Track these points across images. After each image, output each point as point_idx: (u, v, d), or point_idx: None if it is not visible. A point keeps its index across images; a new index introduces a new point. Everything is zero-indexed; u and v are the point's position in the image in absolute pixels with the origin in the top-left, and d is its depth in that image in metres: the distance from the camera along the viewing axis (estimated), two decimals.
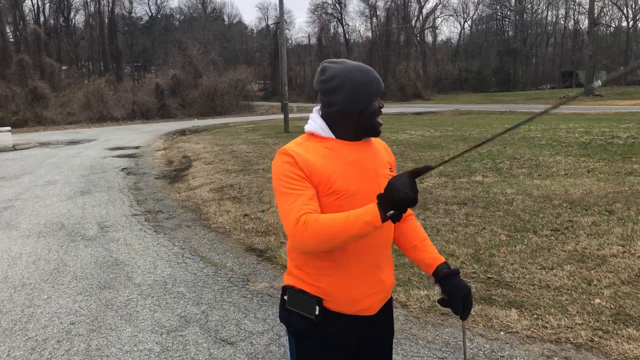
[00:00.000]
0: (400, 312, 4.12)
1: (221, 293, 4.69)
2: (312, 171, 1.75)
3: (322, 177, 1.75)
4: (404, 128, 20.33)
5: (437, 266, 1.91)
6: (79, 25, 68.14)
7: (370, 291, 1.85)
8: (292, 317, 1.88)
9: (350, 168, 1.80)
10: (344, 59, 1.90)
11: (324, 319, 1.83)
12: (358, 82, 1.79)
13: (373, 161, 1.88)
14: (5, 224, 7.49)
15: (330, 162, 1.78)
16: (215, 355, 3.54)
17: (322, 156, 1.79)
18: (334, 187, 1.76)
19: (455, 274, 1.87)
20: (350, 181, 1.79)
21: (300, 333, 1.87)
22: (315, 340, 1.86)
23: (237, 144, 17.27)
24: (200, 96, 41.21)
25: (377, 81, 1.84)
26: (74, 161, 14.79)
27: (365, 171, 1.83)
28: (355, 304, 1.84)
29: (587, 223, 6.04)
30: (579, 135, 14.42)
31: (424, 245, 1.98)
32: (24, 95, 35.88)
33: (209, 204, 8.35)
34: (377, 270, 1.87)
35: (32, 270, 5.42)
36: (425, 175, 8.57)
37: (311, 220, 1.64)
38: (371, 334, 1.95)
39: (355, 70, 1.82)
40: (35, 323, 4.14)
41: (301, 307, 1.85)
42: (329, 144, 1.83)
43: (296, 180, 1.73)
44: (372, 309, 1.88)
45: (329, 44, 70.57)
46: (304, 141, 1.86)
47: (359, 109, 1.80)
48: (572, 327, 3.67)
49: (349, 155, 1.82)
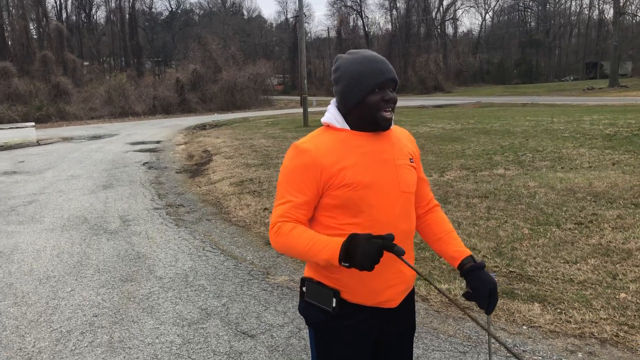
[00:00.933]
0: (421, 305, 4.10)
1: (242, 286, 4.71)
2: (322, 168, 1.74)
3: (333, 172, 1.74)
4: (424, 121, 20.18)
5: (462, 259, 1.87)
6: (100, 21, 69.04)
7: (389, 283, 1.81)
8: (311, 309, 1.87)
9: (364, 159, 1.77)
10: (363, 50, 1.86)
11: (343, 311, 1.81)
12: (354, 73, 1.77)
13: (391, 151, 1.83)
14: (29, 217, 7.62)
15: (342, 154, 1.77)
16: (236, 348, 3.56)
17: (334, 149, 1.78)
18: (346, 180, 1.74)
19: (481, 268, 1.83)
20: (364, 173, 1.75)
21: (319, 325, 1.87)
22: (335, 332, 1.85)
23: (257, 138, 17.32)
24: (220, 91, 41.42)
25: (376, 73, 1.76)
26: (96, 156, 14.97)
27: (382, 162, 1.79)
28: (375, 296, 1.81)
29: (612, 216, 5.93)
30: (604, 127, 14.17)
31: (450, 238, 1.94)
32: (47, 91, 36.42)
33: (229, 198, 8.39)
34: (395, 261, 1.77)
35: (56, 263, 5.50)
36: (446, 169, 8.45)
37: (283, 230, 1.72)
38: (392, 329, 1.91)
39: (358, 61, 1.79)
40: (60, 315, 4.20)
41: (319, 299, 1.83)
42: (342, 135, 1.81)
43: (296, 182, 1.76)
44: (393, 301, 1.85)
45: (349, 37, 70.17)
46: (318, 134, 1.85)
47: (355, 100, 1.77)
48: (597, 322, 3.61)
49: (363, 146, 1.79)
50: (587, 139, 12.25)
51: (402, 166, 1.83)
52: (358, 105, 1.78)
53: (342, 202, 1.75)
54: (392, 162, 1.81)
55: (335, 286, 1.81)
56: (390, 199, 1.78)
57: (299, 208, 1.75)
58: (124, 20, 63.08)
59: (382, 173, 1.78)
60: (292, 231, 1.71)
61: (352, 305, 1.82)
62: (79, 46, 59.24)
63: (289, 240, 1.71)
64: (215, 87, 41.53)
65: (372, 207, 1.76)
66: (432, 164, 10.10)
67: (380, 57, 1.81)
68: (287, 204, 1.76)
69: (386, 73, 1.77)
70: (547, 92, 42.97)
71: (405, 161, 1.85)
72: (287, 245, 1.72)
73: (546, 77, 68.93)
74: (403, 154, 1.86)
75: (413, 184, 1.87)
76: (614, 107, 22.62)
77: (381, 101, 1.76)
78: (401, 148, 1.87)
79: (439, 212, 2.03)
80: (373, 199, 1.75)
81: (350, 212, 1.76)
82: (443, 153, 11.52)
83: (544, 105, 27.83)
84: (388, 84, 1.78)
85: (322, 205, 1.80)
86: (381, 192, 1.76)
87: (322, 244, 1.64)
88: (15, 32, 47.43)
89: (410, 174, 1.86)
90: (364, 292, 1.80)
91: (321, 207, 1.80)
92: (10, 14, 49.91)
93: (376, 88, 1.76)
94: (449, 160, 10.49)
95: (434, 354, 3.37)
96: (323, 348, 1.90)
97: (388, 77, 1.77)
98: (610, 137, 12.31)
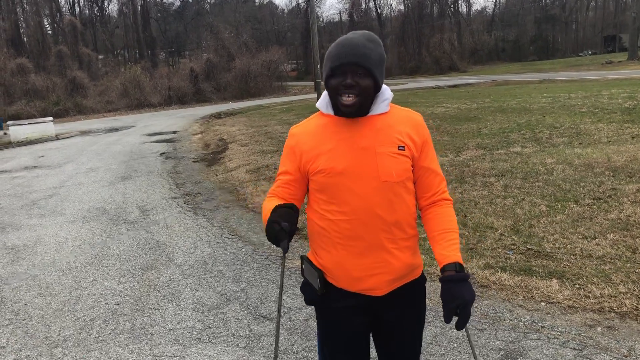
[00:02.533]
0: (438, 285, 4.10)
1: (260, 271, 4.76)
2: (302, 152, 1.84)
3: (310, 157, 1.81)
4: (439, 101, 20.02)
5: (443, 265, 1.74)
6: (113, 14, 69.36)
7: (372, 271, 1.78)
8: (307, 287, 1.93)
9: (340, 145, 1.76)
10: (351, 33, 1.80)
11: (331, 293, 1.85)
12: (325, 56, 1.80)
13: (373, 139, 1.75)
14: (51, 210, 7.75)
15: (320, 140, 1.81)
16: (256, 331, 3.61)
17: (315, 134, 1.83)
18: (320, 166, 1.77)
19: (458, 281, 1.69)
20: (338, 159, 1.75)
21: (314, 303, 1.93)
22: (326, 312, 1.92)
23: (272, 125, 17.34)
24: (234, 79, 41.45)
25: (333, 57, 1.73)
26: (114, 148, 15.13)
27: (360, 149, 1.74)
28: (355, 283, 1.81)
29: (631, 190, 5.86)
30: (623, 101, 13.92)
31: (441, 239, 1.80)
32: (64, 85, 36.84)
33: (246, 185, 8.44)
34: (380, 250, 1.77)
35: (78, 254, 5.60)
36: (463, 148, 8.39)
37: (264, 202, 1.90)
38: (389, 317, 1.90)
39: (334, 44, 1.79)
40: (83, 304, 4.29)
41: (311, 278, 1.89)
42: (325, 120, 1.85)
43: (283, 163, 1.93)
44: (378, 289, 1.81)
45: (361, 19, 69.52)
46: (311, 118, 1.94)
47: (324, 82, 1.80)
48: (616, 296, 3.59)
49: (341, 132, 1.78)
50: (606, 113, 12.06)
51: (384, 154, 1.74)
52: (327, 87, 1.79)
53: (320, 187, 1.80)
54: (372, 150, 1.74)
55: (320, 268, 1.86)
56: (366, 187, 1.73)
57: (284, 186, 1.90)
58: (136, 12, 63.24)
59: (358, 160, 1.74)
60: (265, 203, 1.87)
61: (338, 289, 1.85)
62: (93, 40, 59.63)
63: (263, 210, 1.88)
64: (229, 76, 41.56)
65: (347, 194, 1.74)
66: (448, 144, 10.04)
67: (351, 41, 1.74)
68: (277, 181, 1.94)
69: (342, 57, 1.71)
70: (564, 68, 42.26)
71: (389, 149, 1.75)
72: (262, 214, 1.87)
73: (563, 53, 67.69)
74: (388, 142, 1.76)
75: (398, 173, 1.75)
76: (634, 80, 22.19)
77: (339, 86, 1.72)
78: (388, 135, 1.77)
79: (443, 207, 1.86)
80: (347, 186, 1.74)
81: (328, 198, 1.79)
82: (459, 133, 11.44)
83: (561, 81, 27.40)
84: (348, 69, 1.70)
85: (310, 190, 1.89)
86: (356, 179, 1.73)
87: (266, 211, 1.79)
88: (30, 29, 47.92)
89: (395, 162, 1.75)
90: (343, 277, 1.82)
91: (310, 191, 1.89)
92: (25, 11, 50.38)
93: (333, 72, 1.73)
94: (465, 139, 10.41)
95: (452, 332, 3.38)
96: (320, 325, 1.98)
97: (342, 61, 1.70)
98: (630, 110, 12.10)
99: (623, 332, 3.19)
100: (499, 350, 3.12)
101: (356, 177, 1.73)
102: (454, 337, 3.31)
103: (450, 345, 3.23)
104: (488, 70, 53.94)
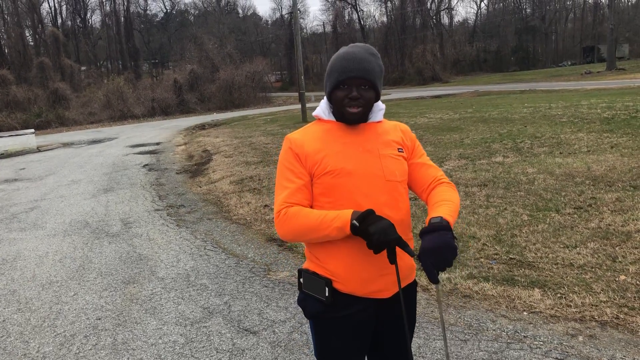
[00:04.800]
0: (422, 295, 4.11)
1: (243, 283, 4.73)
2: (307, 155, 1.84)
3: (316, 159, 1.83)
4: (422, 112, 20.17)
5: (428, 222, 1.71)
6: (96, 25, 69.02)
7: (381, 272, 1.82)
8: (308, 299, 1.91)
9: (346, 148, 1.84)
10: (353, 45, 1.90)
11: (337, 301, 1.83)
12: (328, 68, 1.88)
13: (375, 142, 1.88)
14: (32, 224, 7.64)
15: (325, 143, 1.86)
16: (239, 345, 3.58)
17: (318, 139, 1.88)
18: (329, 168, 1.81)
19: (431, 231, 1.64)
20: (346, 160, 1.82)
21: (316, 315, 1.90)
22: (331, 322, 1.88)
23: (256, 136, 17.33)
24: (218, 90, 41.38)
25: (340, 70, 1.81)
26: (96, 160, 14.99)
27: (365, 151, 1.85)
28: (366, 285, 1.83)
29: (610, 199, 5.94)
30: (602, 111, 14.14)
31: (435, 207, 1.80)
32: (46, 97, 36.48)
33: (230, 197, 8.41)
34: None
35: (59, 268, 5.53)
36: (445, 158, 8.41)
37: (290, 213, 1.77)
38: (388, 319, 1.92)
39: (335, 57, 1.88)
40: (63, 319, 4.23)
41: (314, 289, 1.87)
42: (327, 126, 1.91)
43: (290, 170, 1.85)
44: (385, 291, 1.85)
45: (345, 30, 69.95)
46: (309, 126, 1.96)
47: (327, 94, 1.89)
48: (597, 305, 3.62)
49: (346, 136, 1.87)
50: (585, 123, 12.23)
51: (387, 156, 1.87)
52: (329, 99, 1.89)
53: (325, 189, 1.81)
54: (375, 152, 1.86)
55: (327, 276, 1.84)
56: (374, 187, 1.81)
57: (297, 193, 1.82)
58: (120, 23, 63.02)
59: (365, 161, 1.83)
60: (299, 212, 1.77)
61: (345, 296, 1.84)
62: (76, 51, 59.23)
63: (298, 220, 1.76)
64: (213, 87, 41.50)
65: (355, 195, 1.79)
66: (431, 154, 10.10)
67: (355, 55, 1.81)
68: (285, 191, 1.83)
69: (349, 72, 1.80)
70: (545, 78, 42.86)
71: (390, 151, 1.89)
72: (296, 225, 1.76)
73: (544, 63, 68.70)
74: (389, 145, 1.90)
75: (400, 173, 1.88)
76: (612, 90, 22.56)
77: (345, 98, 1.82)
78: (387, 140, 1.91)
79: (442, 185, 1.90)
80: (356, 186, 1.80)
81: (334, 200, 1.80)
82: (442, 143, 11.52)
83: (542, 91, 27.76)
84: (354, 82, 1.80)
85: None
86: (364, 179, 1.81)
87: (333, 215, 1.71)
88: (12, 40, 47.42)
89: (397, 163, 1.88)
90: (354, 281, 1.82)
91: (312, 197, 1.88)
92: (6, 22, 49.90)
93: (340, 85, 1.82)
94: (448, 150, 10.49)
95: (435, 343, 3.39)
96: (322, 339, 1.93)
97: (350, 75, 1.80)
98: (608, 120, 12.29)
99: (604, 341, 3.22)
100: None
101: (363, 178, 1.81)
102: (437, 349, 3.31)
103: (433, 356, 3.23)
104: (470, 80, 54.50)
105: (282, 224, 1.79)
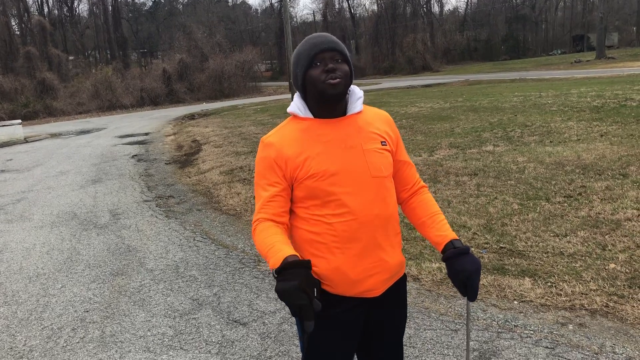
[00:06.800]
0: (413, 285, 4.10)
1: (233, 274, 4.70)
2: (287, 159, 1.75)
3: (297, 163, 1.74)
4: (413, 101, 20.13)
5: (444, 245, 1.80)
6: (83, 14, 68.31)
7: (370, 272, 1.78)
8: None
9: (328, 147, 1.75)
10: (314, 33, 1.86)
11: (326, 301, 1.78)
12: (294, 56, 1.80)
13: (357, 137, 1.78)
14: (19, 215, 7.56)
15: (305, 145, 1.75)
16: (228, 337, 3.55)
17: (296, 140, 1.77)
18: (312, 171, 1.72)
19: (457, 255, 1.74)
20: (329, 161, 1.73)
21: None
22: (321, 321, 1.83)
23: (246, 126, 17.23)
24: (208, 79, 41.07)
25: (310, 47, 1.74)
26: (84, 151, 14.85)
27: (348, 149, 1.75)
28: (354, 286, 1.78)
29: (600, 188, 5.95)
30: (591, 100, 14.17)
31: (433, 222, 1.87)
32: (33, 87, 36.03)
33: (220, 187, 8.35)
34: (377, 249, 1.77)
35: (46, 260, 5.47)
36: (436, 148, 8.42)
37: (258, 230, 1.75)
38: (379, 317, 1.89)
39: (300, 45, 1.80)
40: (50, 312, 4.18)
41: None
42: (305, 124, 1.80)
43: (264, 177, 1.79)
44: (375, 290, 1.81)
45: (335, 19, 69.57)
46: (284, 125, 1.85)
47: (300, 80, 1.78)
48: (587, 294, 3.62)
49: (327, 134, 1.77)
50: (575, 111, 12.25)
51: (371, 151, 1.78)
52: (305, 85, 1.77)
53: (310, 192, 1.74)
54: (359, 148, 1.77)
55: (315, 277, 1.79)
56: (360, 185, 1.74)
57: (272, 201, 1.76)
58: (107, 12, 62.39)
59: (349, 160, 1.74)
60: (262, 232, 1.73)
61: (334, 296, 1.80)
62: (63, 41, 58.53)
63: (258, 240, 1.74)
64: (203, 76, 41.16)
65: (342, 195, 1.72)
66: (422, 143, 10.08)
67: (321, 34, 1.79)
68: (260, 200, 1.79)
69: (320, 45, 1.74)
70: (535, 67, 42.92)
71: (374, 145, 1.79)
72: (257, 244, 1.74)
73: (534, 52, 68.72)
74: (372, 139, 1.80)
75: (386, 167, 1.81)
76: (602, 79, 22.64)
77: (322, 72, 1.71)
78: (370, 132, 1.81)
79: (425, 194, 1.96)
80: (342, 186, 1.72)
81: (320, 202, 1.74)
82: (432, 132, 11.50)
83: (532, 80, 27.81)
84: (326, 55, 1.72)
85: (294, 198, 1.80)
86: (350, 179, 1.73)
87: (275, 250, 1.62)
88: None
89: (382, 157, 1.80)
90: (342, 283, 1.78)
91: (294, 200, 1.81)
92: None
93: (313, 62, 1.73)
94: (438, 139, 10.47)
95: (426, 333, 3.38)
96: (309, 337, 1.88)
97: (322, 47, 1.73)
98: (598, 109, 12.32)
99: (594, 329, 3.22)
100: (473, 351, 3.12)
101: (349, 177, 1.73)
102: (428, 339, 3.30)
103: (424, 346, 3.22)
104: (461, 69, 54.49)
105: (253, 236, 1.79)
